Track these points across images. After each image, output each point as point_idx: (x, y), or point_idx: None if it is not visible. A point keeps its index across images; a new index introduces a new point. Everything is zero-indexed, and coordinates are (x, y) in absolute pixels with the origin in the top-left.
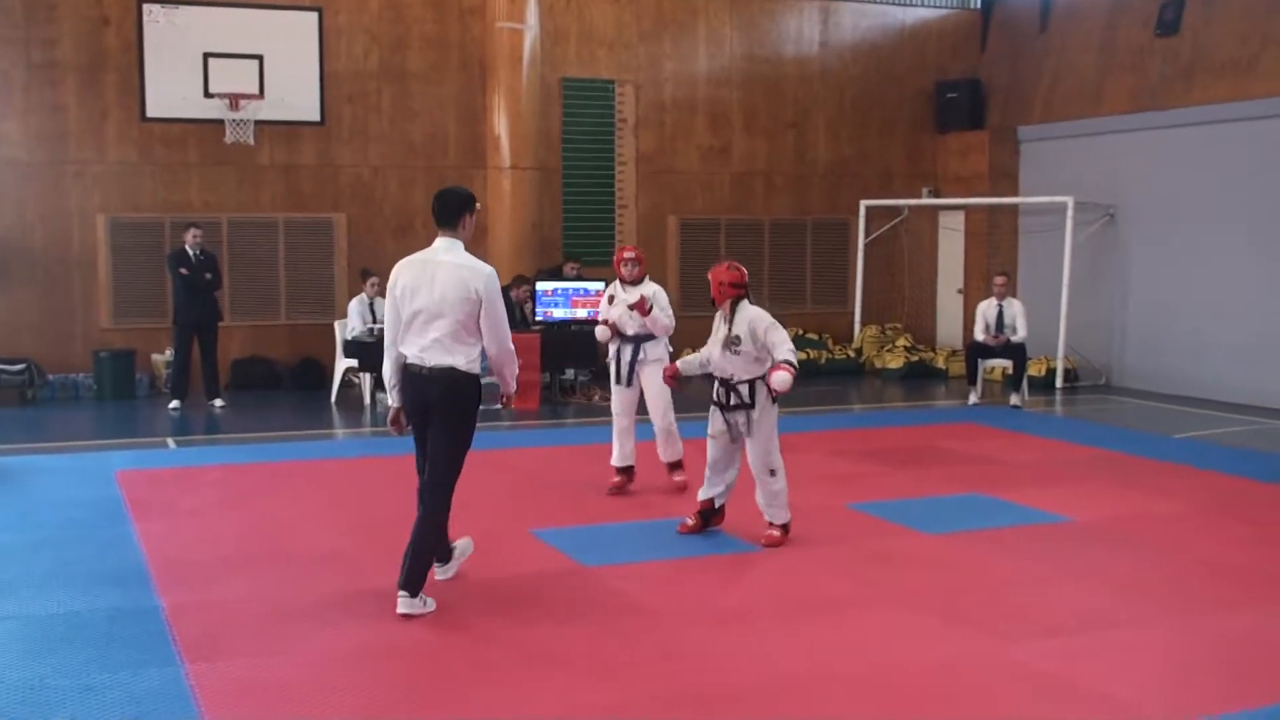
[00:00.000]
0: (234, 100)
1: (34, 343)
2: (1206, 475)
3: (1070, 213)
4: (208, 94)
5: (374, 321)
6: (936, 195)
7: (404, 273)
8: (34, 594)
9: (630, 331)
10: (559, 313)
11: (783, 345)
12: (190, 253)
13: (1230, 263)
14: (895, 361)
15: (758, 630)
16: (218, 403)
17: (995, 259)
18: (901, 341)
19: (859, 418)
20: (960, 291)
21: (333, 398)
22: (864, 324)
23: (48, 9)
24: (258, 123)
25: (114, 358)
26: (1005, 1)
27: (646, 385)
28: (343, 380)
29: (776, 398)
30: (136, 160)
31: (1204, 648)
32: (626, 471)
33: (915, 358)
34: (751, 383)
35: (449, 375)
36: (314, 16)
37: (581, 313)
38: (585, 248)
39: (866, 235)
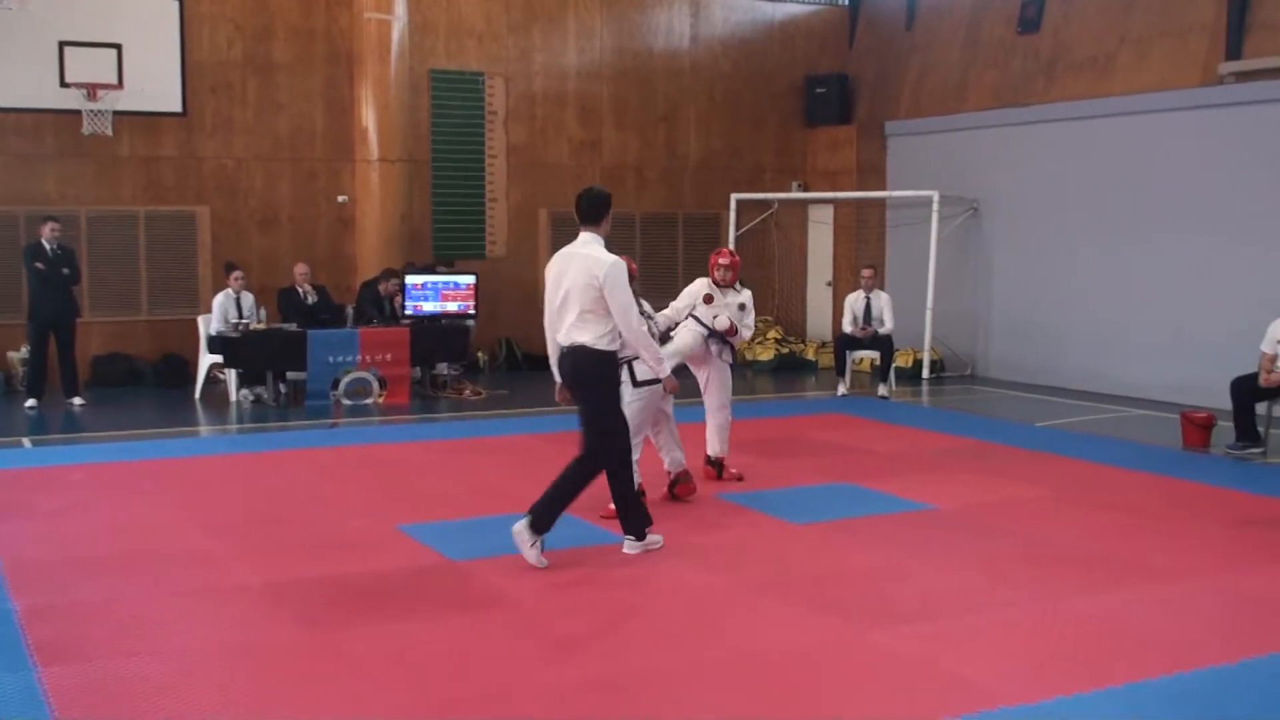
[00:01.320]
0: (91, 90)
1: None
2: (1067, 462)
3: (935, 206)
4: (64, 83)
5: (239, 317)
6: (805, 189)
7: (553, 265)
8: None
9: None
10: (429, 306)
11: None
12: (47, 247)
13: (1088, 255)
14: (766, 354)
15: (622, 620)
16: (76, 401)
17: (863, 252)
18: (772, 334)
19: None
20: (829, 284)
21: (197, 394)
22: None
23: None
24: (116, 113)
25: None
26: None
27: (711, 380)
28: (207, 376)
29: None
30: None
31: (1062, 631)
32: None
33: (785, 350)
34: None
35: (580, 351)
36: (174, 5)
37: (452, 306)
38: (456, 241)
39: (737, 229)
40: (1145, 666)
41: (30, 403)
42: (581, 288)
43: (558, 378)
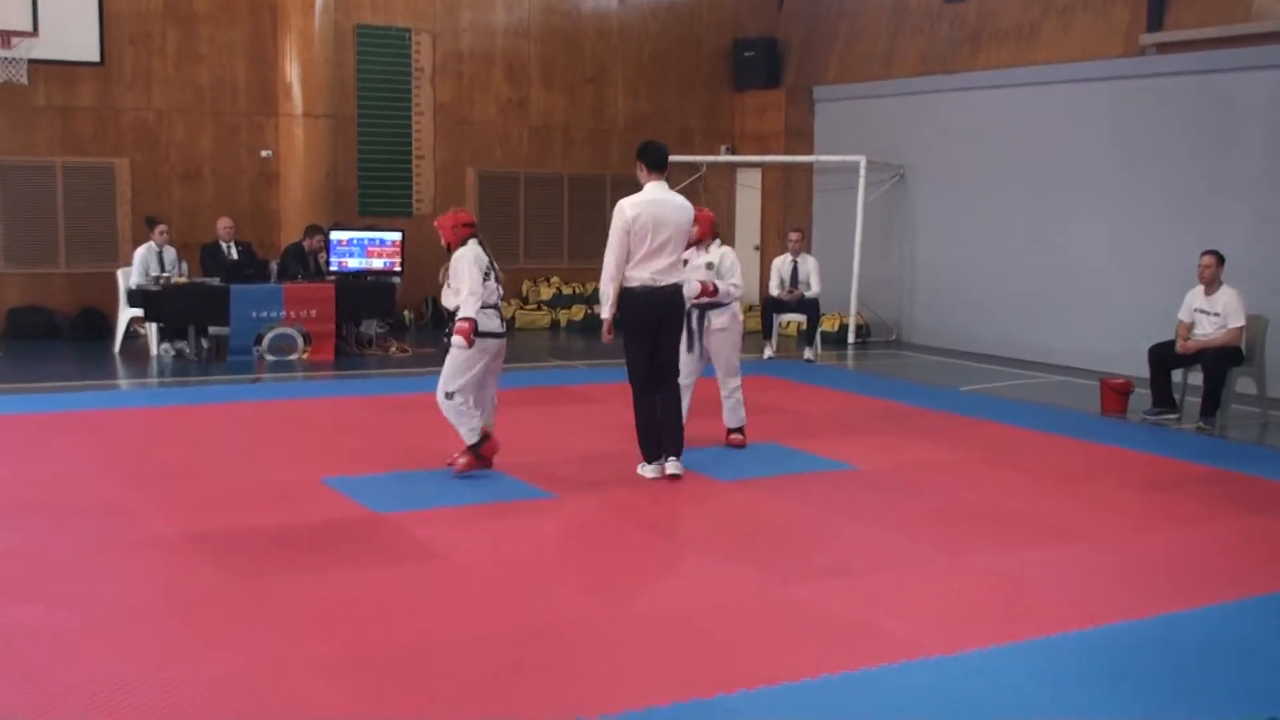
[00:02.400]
0: (5, 38)
1: None
2: (987, 426)
3: (862, 172)
4: None
5: (161, 270)
6: (734, 153)
7: (641, 211)
8: None
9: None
10: (354, 263)
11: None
12: None
13: (1013, 223)
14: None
15: (548, 573)
16: None
17: (790, 216)
18: None
19: None
20: (757, 248)
21: (116, 348)
22: None
23: None
24: (32, 62)
25: None
26: None
27: (714, 354)
28: (127, 330)
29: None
30: None
31: (978, 586)
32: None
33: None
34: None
35: (678, 290)
36: None
37: (377, 263)
38: (381, 197)
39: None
40: (1058, 621)
41: None
42: (683, 231)
43: (607, 315)
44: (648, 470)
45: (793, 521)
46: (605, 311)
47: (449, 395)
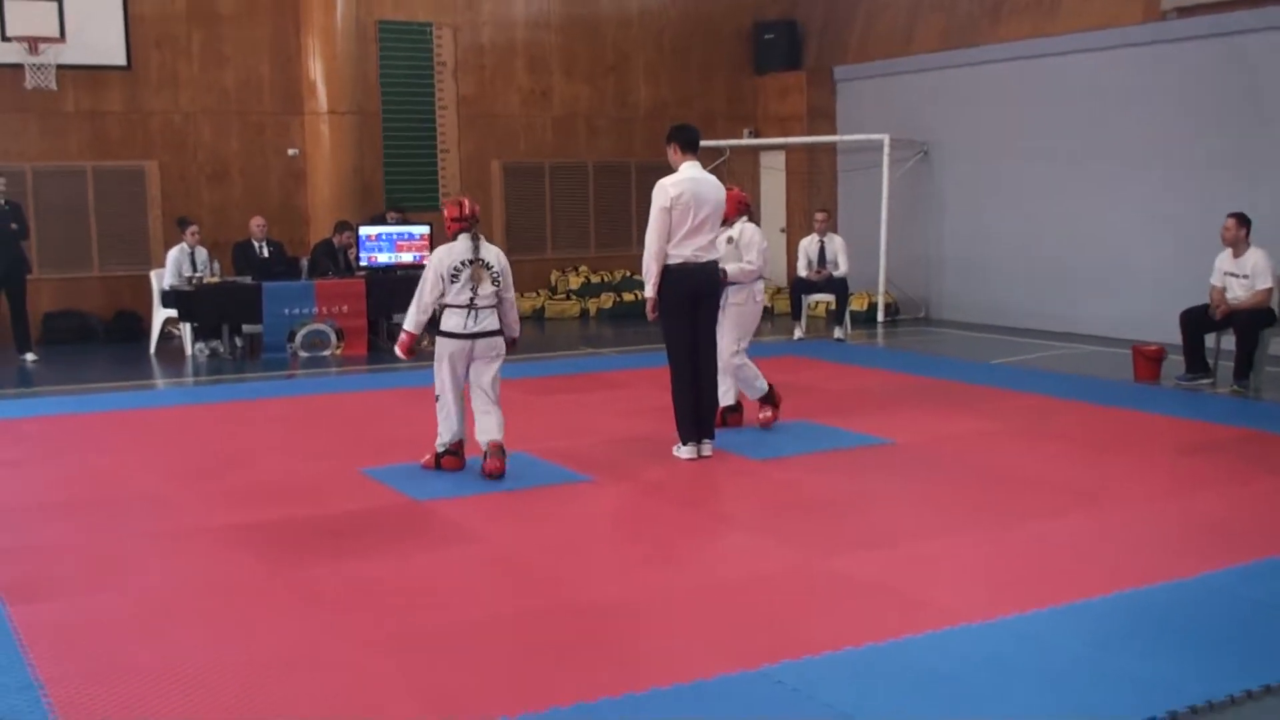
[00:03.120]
0: (33, 44)
1: None
2: (1020, 397)
3: (886, 150)
4: (4, 37)
5: (194, 271)
6: (757, 136)
7: (684, 190)
8: None
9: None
10: (383, 257)
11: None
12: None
13: (1038, 194)
14: None
15: (589, 553)
16: (29, 356)
17: (816, 197)
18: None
19: None
20: (783, 230)
21: (151, 349)
22: None
23: None
24: (60, 67)
25: None
26: None
27: (720, 325)
28: (161, 331)
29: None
30: None
31: (1017, 554)
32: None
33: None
34: None
35: (716, 267)
36: None
37: (406, 257)
38: (408, 193)
39: None
40: (1098, 584)
41: (31, 356)
42: (719, 211)
43: (651, 293)
44: (684, 451)
45: (831, 496)
46: (649, 290)
47: (436, 397)
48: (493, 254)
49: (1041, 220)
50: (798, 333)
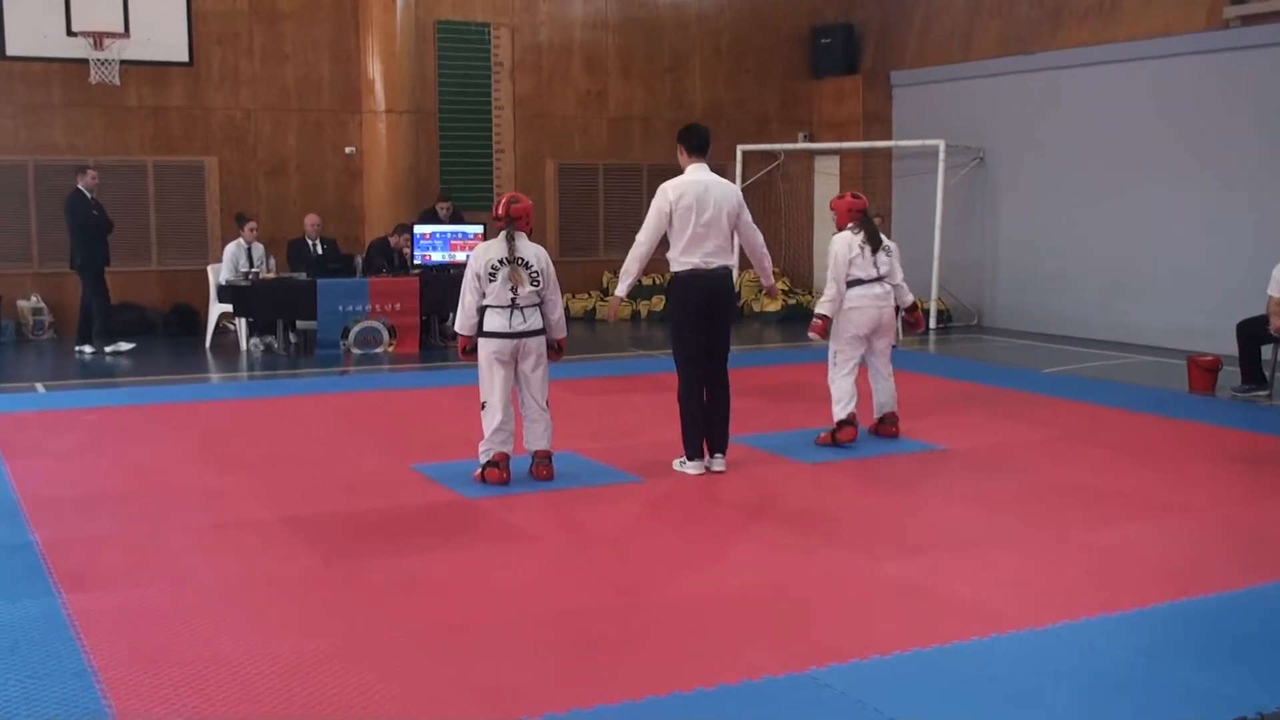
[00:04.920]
0: (98, 39)
1: None
2: (1073, 405)
3: (942, 156)
4: (70, 32)
5: (250, 266)
6: (812, 140)
7: (683, 192)
8: None
9: None
10: (437, 256)
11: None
12: (87, 195)
13: (1094, 202)
14: (773, 305)
15: (638, 554)
16: (88, 348)
17: (870, 202)
18: (781, 285)
19: (738, 358)
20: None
21: (207, 343)
22: (742, 269)
23: None
24: (124, 63)
25: None
26: None
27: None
28: (217, 326)
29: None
30: None
31: (1070, 561)
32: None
33: (793, 301)
34: None
35: (728, 274)
36: None
37: (460, 255)
38: (463, 192)
39: (743, 180)
40: (1152, 592)
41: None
42: (728, 213)
43: (622, 292)
44: (689, 467)
45: (881, 500)
46: (621, 289)
47: (482, 404)
48: (531, 252)
49: (1098, 228)
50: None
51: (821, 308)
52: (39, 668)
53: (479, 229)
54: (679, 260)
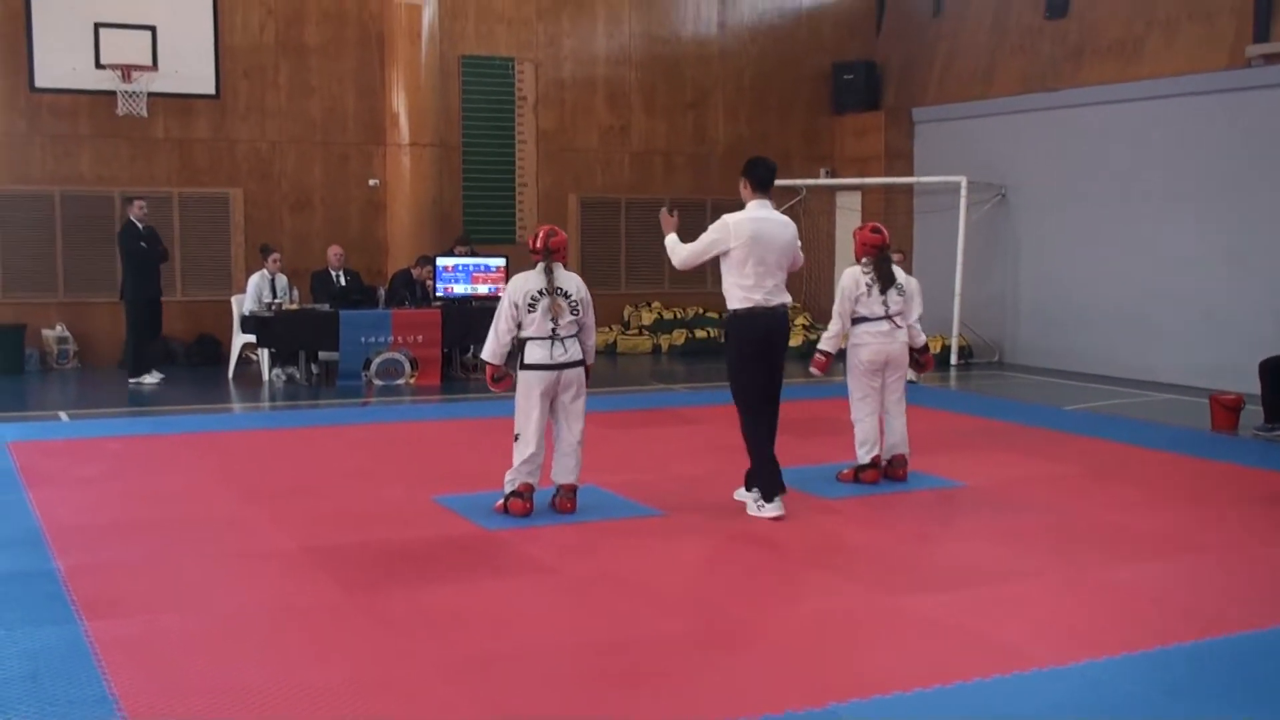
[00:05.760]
0: (126, 72)
1: None
2: (1094, 443)
3: (964, 192)
4: (99, 65)
5: (274, 297)
6: (833, 175)
7: (745, 230)
8: None
9: None
10: (459, 288)
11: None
12: (139, 226)
13: (1117, 240)
14: (794, 339)
15: (657, 588)
16: (131, 378)
17: (891, 238)
18: (800, 320)
19: None
20: None
21: (230, 374)
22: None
23: None
24: (151, 95)
25: (2, 333)
26: None
27: None
28: (240, 356)
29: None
30: (25, 131)
31: (1091, 599)
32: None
33: (814, 336)
34: None
35: (786, 311)
36: None
37: (483, 288)
38: (486, 225)
39: None
40: (1174, 631)
41: (148, 378)
42: (788, 250)
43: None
44: (767, 510)
45: (902, 536)
46: (674, 242)
47: (516, 435)
48: (572, 284)
49: (1120, 266)
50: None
51: (823, 344)
52: (60, 695)
53: (501, 261)
54: (739, 297)
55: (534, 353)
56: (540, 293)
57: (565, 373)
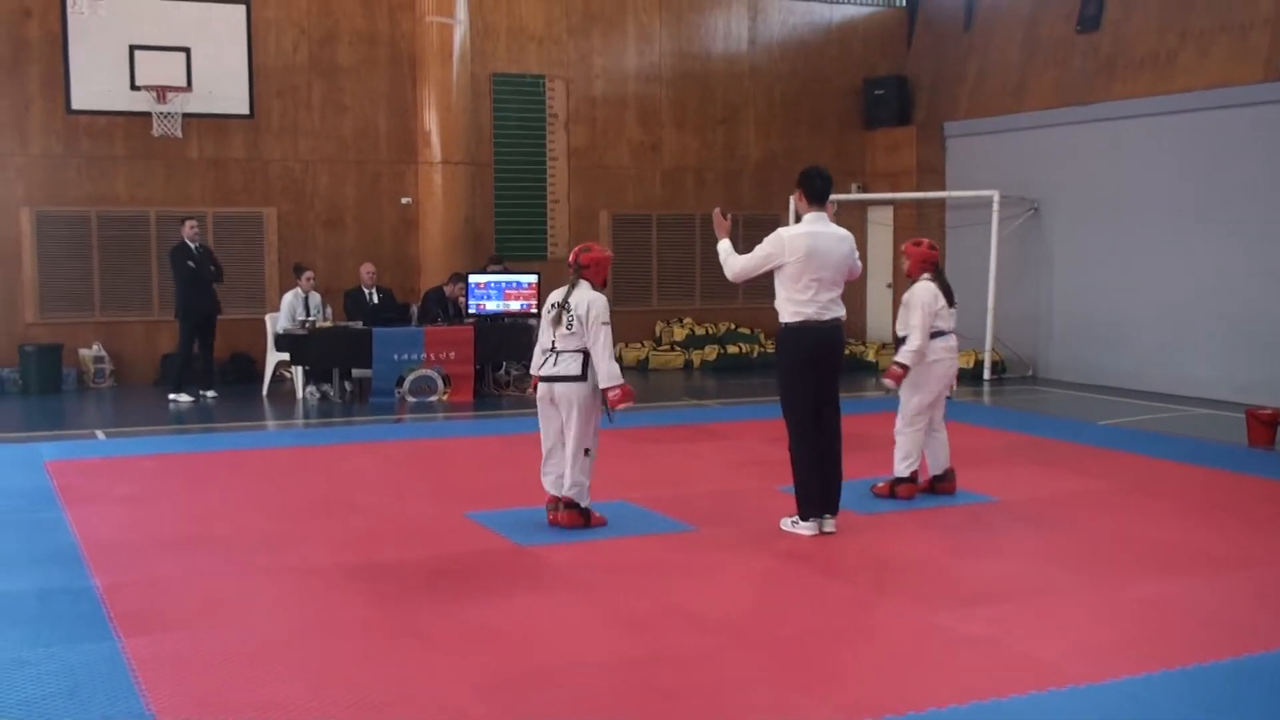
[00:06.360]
0: (161, 93)
1: None
2: (1128, 458)
3: (996, 207)
4: (134, 86)
5: (307, 315)
6: (865, 191)
7: (800, 245)
8: None
9: (900, 333)
10: (491, 305)
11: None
12: (191, 246)
13: (1151, 254)
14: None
15: (690, 603)
16: (210, 393)
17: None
18: None
19: None
20: (889, 286)
21: (264, 391)
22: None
23: None
24: (186, 116)
25: (40, 352)
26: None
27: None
28: (274, 374)
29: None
30: (62, 153)
31: (1127, 614)
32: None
33: (846, 352)
34: None
35: (840, 325)
36: (242, 10)
37: (514, 305)
38: (517, 242)
39: None
40: (1211, 648)
41: (185, 397)
42: (843, 265)
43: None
44: (803, 528)
45: (935, 551)
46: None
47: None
48: (581, 301)
49: (1154, 280)
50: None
51: (903, 357)
52: (98, 711)
53: (533, 278)
54: (791, 311)
55: (535, 362)
56: (553, 305)
57: (554, 386)
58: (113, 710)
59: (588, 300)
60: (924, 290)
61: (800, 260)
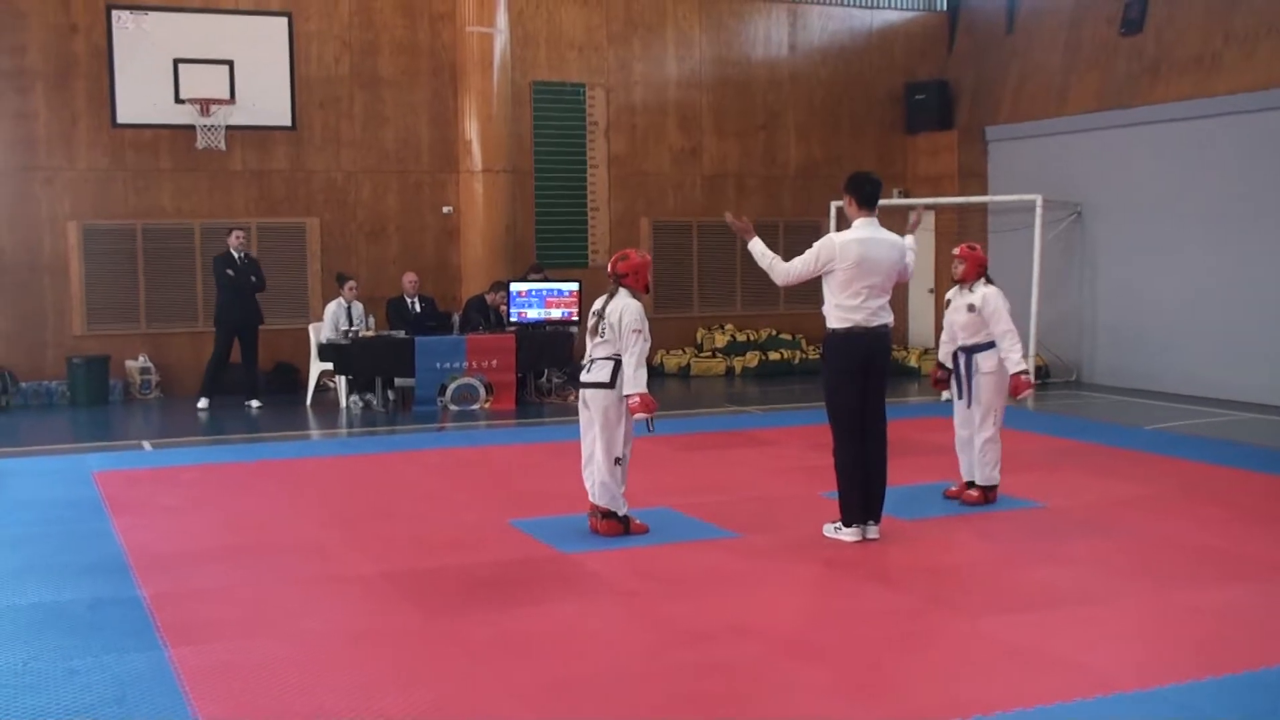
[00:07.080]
0: (205, 106)
1: (5, 350)
2: (1177, 463)
3: (1039, 211)
4: (178, 100)
5: (350, 325)
6: (906, 195)
7: (851, 251)
8: (11, 586)
9: (961, 340)
10: (533, 313)
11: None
12: (235, 255)
13: (1196, 258)
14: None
15: (734, 608)
16: (255, 403)
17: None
18: None
19: None
20: (931, 291)
21: (308, 401)
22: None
23: (15, 17)
24: (229, 128)
25: (87, 364)
26: (972, 3)
27: (976, 398)
28: (317, 384)
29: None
30: (108, 166)
31: (1175, 621)
32: (971, 484)
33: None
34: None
35: (888, 332)
36: (284, 22)
37: (556, 313)
38: (558, 250)
39: None
40: (1261, 656)
41: (203, 404)
42: (892, 271)
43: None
44: (846, 534)
45: (980, 558)
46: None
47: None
48: (615, 308)
49: (1199, 284)
50: (945, 394)
51: (1021, 365)
52: None
53: (574, 286)
54: (839, 317)
55: (585, 372)
56: (593, 313)
57: (584, 392)
58: (160, 719)
59: (621, 308)
60: (997, 295)
61: (851, 267)
